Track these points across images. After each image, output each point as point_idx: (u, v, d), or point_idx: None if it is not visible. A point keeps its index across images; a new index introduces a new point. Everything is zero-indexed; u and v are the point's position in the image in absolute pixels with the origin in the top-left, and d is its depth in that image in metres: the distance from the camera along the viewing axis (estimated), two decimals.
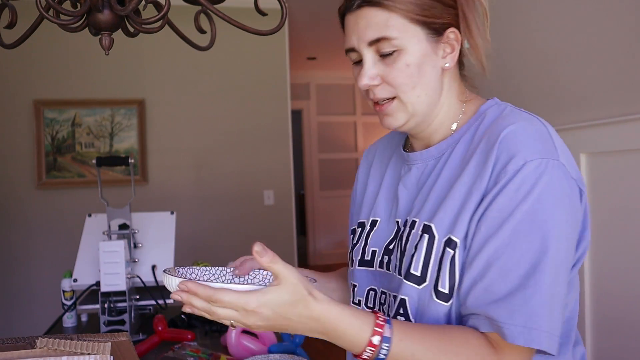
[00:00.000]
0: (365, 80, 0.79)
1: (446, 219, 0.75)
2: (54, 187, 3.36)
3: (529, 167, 0.69)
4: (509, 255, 0.68)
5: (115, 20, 0.90)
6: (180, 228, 1.81)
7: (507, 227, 0.68)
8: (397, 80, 0.78)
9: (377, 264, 0.87)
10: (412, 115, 0.81)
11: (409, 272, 0.77)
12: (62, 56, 3.38)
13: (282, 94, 3.74)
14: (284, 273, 0.62)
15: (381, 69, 0.79)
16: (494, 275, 0.68)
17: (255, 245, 0.61)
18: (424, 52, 0.78)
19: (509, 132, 0.72)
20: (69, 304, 1.66)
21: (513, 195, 0.69)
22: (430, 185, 0.81)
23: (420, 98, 0.79)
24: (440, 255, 0.74)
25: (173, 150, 3.53)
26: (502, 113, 0.79)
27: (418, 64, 0.78)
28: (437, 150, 0.84)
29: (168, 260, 1.69)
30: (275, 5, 1.06)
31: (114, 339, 0.75)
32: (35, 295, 3.31)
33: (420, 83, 0.79)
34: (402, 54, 0.77)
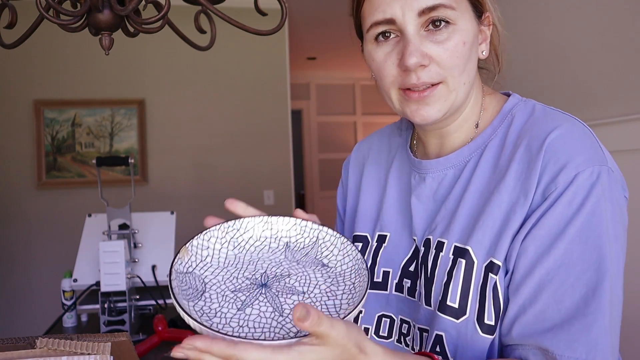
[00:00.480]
0: (416, 56, 0.64)
1: (485, 241, 0.65)
2: (54, 187, 3.36)
3: (581, 178, 0.60)
4: (563, 277, 0.60)
5: (115, 20, 0.90)
6: (180, 228, 1.80)
7: (559, 246, 0.60)
8: (451, 60, 0.66)
9: (393, 287, 0.76)
10: (451, 105, 0.69)
11: (444, 304, 0.66)
12: (62, 56, 3.38)
13: (282, 94, 3.74)
14: (331, 335, 0.48)
15: (430, 48, 0.65)
16: (547, 300, 0.60)
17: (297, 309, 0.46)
18: (474, 29, 0.68)
19: (555, 138, 0.63)
20: (69, 304, 1.66)
21: (564, 210, 0.61)
22: (455, 199, 0.71)
23: (465, 86, 0.68)
24: (481, 282, 0.64)
25: (173, 150, 3.53)
26: (534, 113, 0.70)
27: (471, 44, 0.67)
28: (458, 158, 0.73)
29: (168, 260, 1.68)
30: (275, 5, 1.06)
31: (114, 339, 0.75)
32: (35, 295, 3.31)
33: (467, 68, 0.68)
34: (456, 31, 0.66)
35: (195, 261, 0.62)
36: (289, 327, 0.55)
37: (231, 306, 0.57)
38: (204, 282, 0.60)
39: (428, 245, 0.72)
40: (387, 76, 0.68)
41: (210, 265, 0.63)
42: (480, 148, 0.71)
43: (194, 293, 0.58)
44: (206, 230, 0.64)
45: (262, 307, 0.57)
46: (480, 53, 0.71)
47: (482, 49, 0.71)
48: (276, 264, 0.64)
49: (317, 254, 0.65)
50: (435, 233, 0.71)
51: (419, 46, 0.65)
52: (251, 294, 0.59)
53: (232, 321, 0.55)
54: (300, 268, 0.63)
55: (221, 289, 0.59)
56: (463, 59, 0.66)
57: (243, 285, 0.60)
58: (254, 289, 0.60)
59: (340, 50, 5.23)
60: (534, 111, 0.70)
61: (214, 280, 0.61)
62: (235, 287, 0.60)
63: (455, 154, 0.73)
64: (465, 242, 0.67)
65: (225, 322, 0.55)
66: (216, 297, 0.58)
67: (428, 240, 0.72)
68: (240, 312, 0.56)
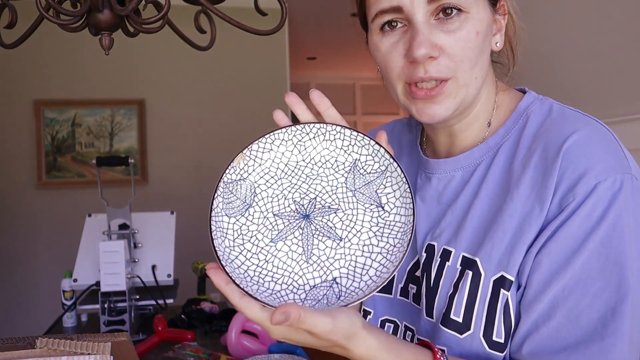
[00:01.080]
0: (425, 47, 0.59)
1: (495, 253, 0.61)
2: (54, 187, 3.36)
3: (601, 187, 0.56)
4: (580, 295, 0.56)
5: (115, 20, 0.90)
6: (180, 228, 1.80)
7: (576, 262, 0.56)
8: (463, 52, 0.60)
9: (398, 291, 0.72)
10: (461, 102, 0.64)
11: (448, 318, 0.62)
12: (62, 56, 3.38)
13: (282, 94, 3.72)
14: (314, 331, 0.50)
15: (441, 38, 0.60)
16: (562, 318, 0.56)
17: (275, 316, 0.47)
18: (487, 21, 0.62)
19: (573, 143, 0.58)
20: (69, 304, 1.66)
21: (583, 222, 0.56)
22: (464, 205, 0.66)
23: (477, 81, 0.63)
24: (489, 297, 0.60)
25: (173, 150, 3.53)
26: (551, 114, 0.64)
27: (484, 35, 0.62)
28: (467, 160, 0.68)
29: (168, 260, 1.69)
30: (275, 5, 1.06)
31: (114, 339, 0.75)
32: (35, 295, 3.31)
33: (480, 61, 0.62)
34: (469, 19, 0.60)
35: (253, 165, 0.59)
36: (308, 278, 0.55)
37: (267, 233, 0.57)
38: (254, 193, 0.58)
39: (431, 252, 0.67)
40: (394, 68, 0.64)
41: (269, 171, 0.59)
42: (492, 150, 0.66)
43: (240, 206, 0.57)
44: (271, 132, 0.58)
45: (293, 246, 0.56)
46: (494, 45, 0.66)
47: (496, 40, 0.66)
48: (332, 188, 0.59)
49: (378, 188, 0.59)
50: (441, 240, 0.67)
51: (429, 36, 0.60)
52: (290, 225, 0.57)
53: (262, 252, 0.56)
54: (353, 203, 0.59)
55: (266, 208, 0.58)
56: (476, 51, 0.61)
57: (287, 210, 0.58)
58: (295, 218, 0.58)
59: (340, 50, 5.23)
60: (551, 111, 0.64)
61: (264, 194, 0.58)
62: (279, 209, 0.58)
63: (465, 156, 0.68)
64: (474, 252, 0.63)
65: (255, 252, 0.55)
66: (258, 217, 0.57)
67: (431, 246, 0.68)
68: (272, 245, 0.56)
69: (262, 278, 0.54)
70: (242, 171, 0.58)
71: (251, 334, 1.31)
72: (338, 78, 6.39)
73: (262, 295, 0.52)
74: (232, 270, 0.53)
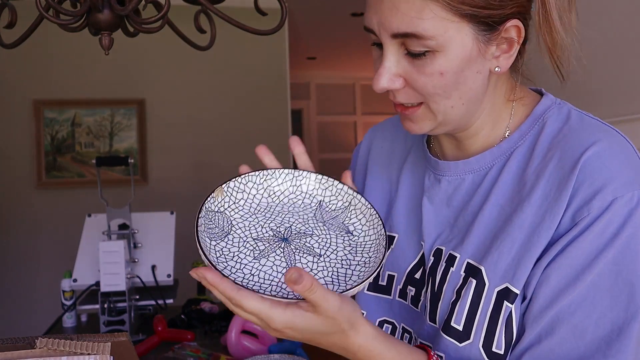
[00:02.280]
0: (383, 81, 0.59)
1: (501, 264, 0.59)
2: (53, 187, 3.36)
3: (618, 203, 0.54)
4: (586, 311, 0.54)
5: (115, 20, 0.90)
6: (180, 228, 1.80)
7: (586, 278, 0.54)
8: (426, 89, 0.59)
9: (397, 292, 0.71)
10: (441, 124, 0.62)
11: (449, 325, 0.61)
12: (62, 56, 3.38)
13: (282, 94, 3.74)
14: (322, 305, 0.50)
15: (406, 70, 0.59)
16: (566, 333, 0.55)
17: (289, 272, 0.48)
18: (467, 55, 0.57)
19: (592, 155, 0.56)
20: (69, 304, 1.66)
21: (596, 238, 0.54)
22: (473, 210, 0.64)
23: (454, 109, 0.61)
24: (492, 308, 0.59)
25: (173, 150, 3.53)
26: (568, 121, 0.62)
27: (457, 71, 0.58)
28: (479, 163, 0.66)
29: (168, 260, 1.69)
30: (275, 5, 1.06)
31: (113, 339, 0.75)
32: (35, 295, 3.31)
33: (456, 92, 0.59)
34: (437, 58, 0.56)
35: (228, 202, 0.64)
36: None
37: (249, 253, 0.60)
38: (231, 224, 0.63)
39: (439, 256, 0.66)
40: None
41: (242, 208, 0.65)
42: (505, 154, 0.64)
43: (219, 233, 0.61)
44: (244, 174, 0.65)
45: (277, 261, 0.59)
46: (492, 69, 0.60)
47: (497, 65, 0.60)
48: (303, 221, 0.65)
49: (345, 220, 0.65)
50: (448, 244, 0.66)
51: (393, 67, 0.59)
52: (270, 246, 0.61)
53: (246, 268, 0.58)
54: (325, 230, 0.64)
55: (244, 235, 0.62)
56: (445, 87, 0.58)
57: (266, 235, 0.62)
58: (274, 241, 0.61)
59: (340, 50, 5.23)
60: (569, 118, 0.62)
61: (240, 225, 0.63)
62: (258, 235, 0.62)
63: (477, 159, 0.66)
64: (479, 260, 0.61)
65: (239, 268, 0.58)
66: (238, 241, 0.61)
67: (439, 250, 0.66)
68: (255, 262, 0.59)
69: (251, 288, 0.55)
70: (219, 205, 0.63)
71: (251, 334, 1.31)
72: (338, 78, 6.39)
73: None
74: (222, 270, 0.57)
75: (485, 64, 0.59)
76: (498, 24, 0.57)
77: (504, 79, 0.66)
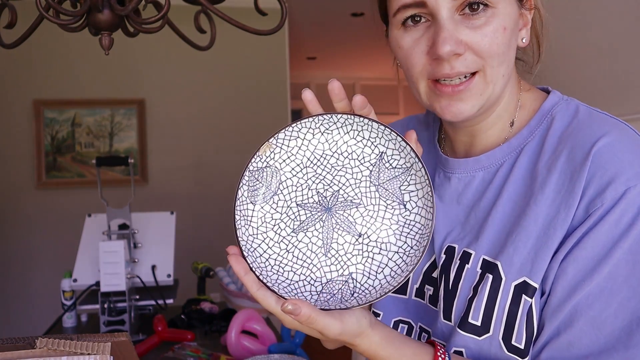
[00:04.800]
0: (450, 44, 0.57)
1: (517, 258, 0.59)
2: (53, 187, 3.36)
3: (631, 193, 0.54)
4: (604, 303, 0.54)
5: (115, 20, 0.90)
6: (180, 228, 1.80)
7: (602, 269, 0.54)
8: (490, 48, 0.58)
9: (414, 292, 0.71)
10: (487, 100, 0.62)
11: (466, 321, 0.61)
12: (62, 56, 3.38)
13: (282, 94, 3.74)
14: (325, 333, 0.52)
15: (467, 33, 0.58)
16: (585, 326, 0.54)
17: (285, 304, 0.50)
18: (515, 16, 0.61)
19: (603, 147, 0.56)
20: (69, 304, 1.66)
21: (611, 229, 0.54)
22: (485, 208, 0.64)
23: (503, 78, 0.61)
24: (509, 302, 0.59)
25: (173, 150, 3.53)
26: (577, 115, 0.62)
27: (512, 30, 0.60)
28: (489, 160, 0.66)
29: (168, 260, 1.68)
30: (275, 5, 1.06)
31: (114, 339, 0.75)
32: (35, 295, 3.31)
33: (508, 57, 0.61)
34: (496, 15, 0.58)
35: (279, 152, 0.58)
36: (325, 271, 0.57)
37: (290, 223, 0.58)
38: (280, 180, 0.59)
39: (451, 254, 0.66)
40: (416, 65, 0.61)
41: (295, 158, 0.59)
42: (515, 151, 0.64)
43: (265, 193, 0.58)
44: (299, 120, 0.59)
45: (313, 238, 0.57)
46: (520, 40, 0.63)
47: (522, 36, 0.63)
48: (355, 181, 0.59)
49: (402, 185, 0.59)
50: (462, 242, 0.65)
51: (453, 32, 0.58)
52: (312, 216, 0.58)
53: (283, 242, 0.57)
54: (375, 198, 0.59)
55: (290, 197, 0.58)
56: (503, 47, 0.59)
57: (310, 201, 0.58)
58: (317, 210, 0.58)
59: (340, 50, 5.23)
60: (578, 113, 0.63)
61: (288, 182, 0.59)
62: (302, 200, 0.58)
63: (487, 156, 0.66)
64: (495, 256, 0.61)
65: (277, 240, 0.57)
66: (282, 205, 0.58)
67: (451, 248, 0.66)
68: (294, 235, 0.58)
69: (282, 267, 0.56)
70: (269, 158, 0.58)
71: (251, 334, 1.31)
72: (338, 78, 6.25)
73: (281, 285, 0.55)
74: (253, 260, 0.55)
75: (517, 33, 0.63)
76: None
77: (515, 69, 0.67)
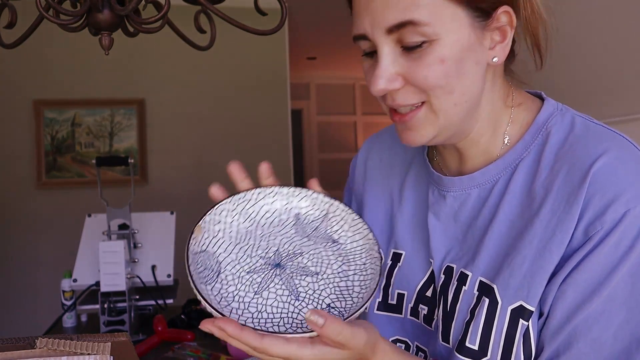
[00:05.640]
0: (381, 82, 0.57)
1: (513, 282, 0.58)
2: (53, 187, 3.36)
3: (631, 215, 0.53)
4: (603, 325, 0.53)
5: (115, 20, 0.90)
6: (180, 228, 1.80)
7: (602, 292, 0.53)
8: (428, 81, 0.56)
9: (408, 311, 0.69)
10: (442, 128, 0.60)
11: (463, 345, 0.60)
12: (62, 56, 3.38)
13: (282, 94, 3.74)
14: (350, 343, 0.50)
15: (404, 66, 0.57)
16: (584, 348, 0.54)
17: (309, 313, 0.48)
18: (466, 42, 0.56)
19: (601, 167, 0.55)
20: (69, 304, 1.66)
21: (611, 252, 0.53)
22: (482, 226, 0.63)
23: (457, 107, 0.58)
24: (507, 326, 0.58)
25: (173, 150, 3.53)
26: (573, 129, 0.60)
27: (457, 60, 0.56)
28: (484, 177, 0.64)
29: (168, 260, 1.69)
30: (275, 5, 1.06)
31: (113, 339, 0.75)
32: (35, 295, 3.31)
33: (459, 86, 0.57)
34: (435, 46, 0.55)
35: (208, 237, 0.60)
36: (304, 313, 0.56)
37: (248, 289, 0.57)
38: (218, 261, 0.59)
39: (449, 274, 0.64)
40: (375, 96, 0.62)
41: (223, 240, 0.61)
42: (510, 167, 0.62)
43: (210, 275, 0.58)
44: (216, 204, 0.62)
45: (279, 291, 0.57)
46: (490, 60, 0.59)
47: (494, 55, 0.59)
48: (288, 239, 0.62)
49: (327, 229, 0.63)
50: (459, 261, 0.64)
51: (389, 66, 0.57)
52: (266, 275, 0.58)
53: (251, 306, 0.56)
54: (311, 245, 0.62)
55: (236, 270, 0.59)
56: (443, 79, 0.56)
57: (257, 265, 0.59)
58: (268, 269, 0.59)
59: (340, 50, 5.23)
60: (574, 126, 0.60)
61: (228, 259, 0.60)
62: (250, 267, 0.59)
63: (481, 173, 0.64)
64: (491, 278, 0.60)
65: (244, 308, 0.55)
66: (232, 278, 0.58)
67: (450, 268, 0.65)
68: (258, 297, 0.56)
69: (263, 325, 0.54)
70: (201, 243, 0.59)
71: None
72: (338, 78, 6.39)
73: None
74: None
75: (483, 54, 0.58)
76: (491, 9, 0.57)
77: (500, 82, 0.64)
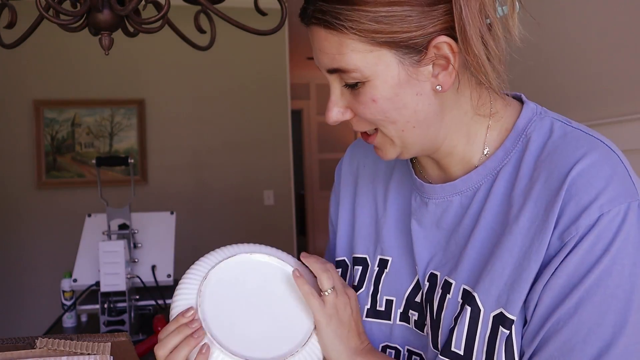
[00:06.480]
0: (332, 115, 0.62)
1: (493, 290, 0.59)
2: (53, 187, 3.36)
3: (605, 220, 0.54)
4: (574, 328, 0.54)
5: (115, 20, 0.90)
6: (180, 228, 1.81)
7: (573, 296, 0.54)
8: (367, 116, 0.60)
9: (398, 316, 0.70)
10: (403, 148, 0.63)
11: (449, 350, 0.61)
12: (62, 56, 3.38)
13: (282, 94, 3.74)
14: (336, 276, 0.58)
15: (349, 100, 0.61)
16: (555, 351, 0.55)
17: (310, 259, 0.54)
18: (396, 80, 0.58)
19: (577, 174, 0.55)
20: (69, 304, 1.66)
21: (585, 257, 0.54)
22: (464, 234, 0.64)
23: (406, 132, 0.61)
24: (489, 332, 0.59)
25: (173, 150, 3.53)
26: (552, 134, 0.61)
27: (390, 97, 0.58)
28: (465, 184, 0.65)
29: (168, 260, 1.69)
30: (275, 5, 1.06)
31: (113, 339, 0.75)
32: (35, 295, 3.31)
33: (400, 116, 0.60)
34: (367, 87, 0.58)
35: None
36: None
37: None
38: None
39: (434, 281, 0.66)
40: None
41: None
42: (492, 174, 0.63)
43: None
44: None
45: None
46: (434, 88, 0.59)
47: (438, 84, 0.58)
48: None
49: None
50: (443, 269, 0.65)
51: (338, 100, 0.62)
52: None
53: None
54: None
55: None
56: (384, 113, 0.59)
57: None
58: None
59: None
60: (552, 131, 0.61)
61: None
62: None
63: (462, 180, 0.65)
64: (473, 285, 0.61)
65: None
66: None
67: (434, 275, 0.66)
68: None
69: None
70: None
71: None
72: None
73: None
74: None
75: (423, 86, 0.58)
76: (423, 44, 0.56)
77: (468, 93, 0.63)
